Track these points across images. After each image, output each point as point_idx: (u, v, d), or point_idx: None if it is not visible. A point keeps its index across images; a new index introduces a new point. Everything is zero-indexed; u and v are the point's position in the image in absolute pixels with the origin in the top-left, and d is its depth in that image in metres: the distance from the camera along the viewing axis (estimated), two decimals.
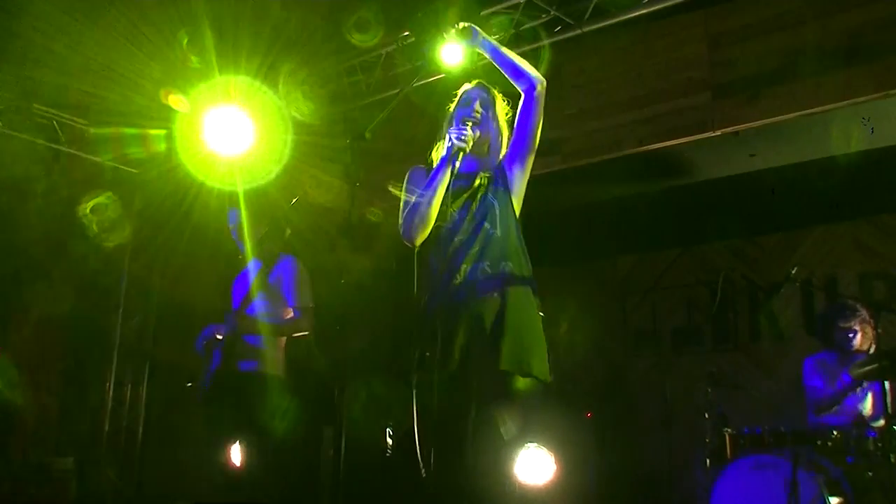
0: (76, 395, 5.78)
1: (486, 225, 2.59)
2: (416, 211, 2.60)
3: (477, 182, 2.66)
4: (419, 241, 2.60)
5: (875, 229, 5.70)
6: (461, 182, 2.65)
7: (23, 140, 5.25)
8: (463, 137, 2.59)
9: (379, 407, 5.42)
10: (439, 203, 2.58)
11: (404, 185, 2.75)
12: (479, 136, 2.68)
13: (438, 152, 2.73)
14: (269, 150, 5.17)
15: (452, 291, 2.54)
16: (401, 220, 2.66)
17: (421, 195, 2.60)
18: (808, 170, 5.19)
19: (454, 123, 2.69)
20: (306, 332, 3.98)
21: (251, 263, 4.07)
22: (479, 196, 2.64)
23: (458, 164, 2.59)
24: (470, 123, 2.64)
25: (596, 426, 5.66)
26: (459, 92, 2.80)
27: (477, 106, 2.71)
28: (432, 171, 2.62)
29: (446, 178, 2.56)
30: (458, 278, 2.54)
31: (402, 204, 2.71)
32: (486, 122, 2.72)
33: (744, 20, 4.49)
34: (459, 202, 2.62)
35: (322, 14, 4.35)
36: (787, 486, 3.83)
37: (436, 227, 2.63)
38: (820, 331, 4.56)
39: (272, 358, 3.93)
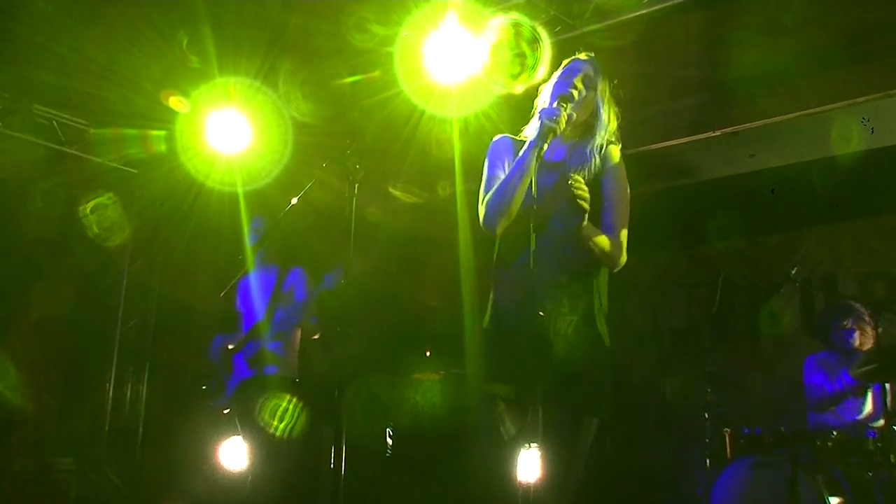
0: (76, 395, 5.78)
1: (560, 275, 2.30)
2: (498, 198, 2.32)
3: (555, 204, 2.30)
4: (500, 229, 2.35)
5: (875, 229, 5.69)
6: (546, 179, 2.33)
7: (23, 140, 5.25)
8: (555, 118, 2.25)
9: (379, 407, 5.42)
10: (524, 191, 2.27)
11: (486, 158, 2.47)
12: (575, 118, 2.36)
13: (530, 128, 2.43)
14: (269, 151, 5.18)
15: (525, 324, 2.25)
16: (481, 202, 2.40)
17: (505, 181, 2.32)
18: (808, 170, 5.18)
19: (549, 100, 2.39)
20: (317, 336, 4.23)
21: (262, 270, 4.18)
22: (554, 229, 2.31)
23: (545, 146, 2.27)
24: (566, 104, 2.30)
25: (596, 426, 5.64)
26: (563, 63, 2.48)
27: (577, 82, 2.36)
28: (519, 156, 2.32)
29: (533, 163, 2.25)
30: (531, 313, 2.24)
31: (483, 181, 2.45)
32: (583, 103, 2.38)
33: (744, 20, 4.48)
34: (536, 233, 2.23)
35: (322, 14, 4.35)
36: (787, 486, 3.83)
37: (509, 257, 2.37)
38: (819, 331, 4.56)
39: (290, 362, 4.15)
